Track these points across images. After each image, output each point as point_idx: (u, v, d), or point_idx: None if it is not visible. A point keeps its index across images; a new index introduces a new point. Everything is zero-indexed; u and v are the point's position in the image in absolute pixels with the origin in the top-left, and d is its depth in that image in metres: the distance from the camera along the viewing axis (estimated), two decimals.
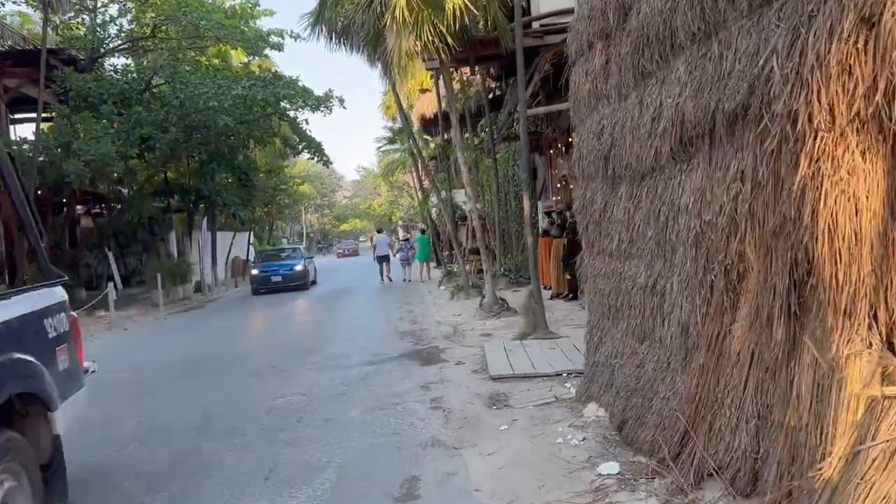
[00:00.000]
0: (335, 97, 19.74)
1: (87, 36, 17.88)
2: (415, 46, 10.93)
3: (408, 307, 14.86)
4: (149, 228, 25.86)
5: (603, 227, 5.76)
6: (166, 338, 12.98)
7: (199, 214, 31.32)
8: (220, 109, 16.50)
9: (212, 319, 15.98)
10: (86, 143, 14.75)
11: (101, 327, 15.53)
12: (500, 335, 9.82)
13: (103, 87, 16.44)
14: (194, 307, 19.46)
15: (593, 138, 5.69)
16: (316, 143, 28.42)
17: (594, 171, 5.76)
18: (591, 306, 6.23)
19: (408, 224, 59.62)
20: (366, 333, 11.16)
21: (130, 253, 26.66)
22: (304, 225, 64.47)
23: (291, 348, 10.12)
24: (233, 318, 15.71)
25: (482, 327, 10.85)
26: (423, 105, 26.73)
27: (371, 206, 70.34)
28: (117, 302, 21.17)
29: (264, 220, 37.82)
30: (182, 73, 16.09)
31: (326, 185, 70.96)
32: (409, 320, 12.45)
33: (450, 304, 14.60)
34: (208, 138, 18.78)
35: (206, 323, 15.32)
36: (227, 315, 16.49)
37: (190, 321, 15.92)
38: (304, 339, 11.10)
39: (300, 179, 44.75)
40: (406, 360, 8.47)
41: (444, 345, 9.35)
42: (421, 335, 10.47)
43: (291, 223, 60.95)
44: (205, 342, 11.71)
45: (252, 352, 10.23)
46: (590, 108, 5.83)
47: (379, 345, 9.82)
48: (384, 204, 65.12)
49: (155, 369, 9.19)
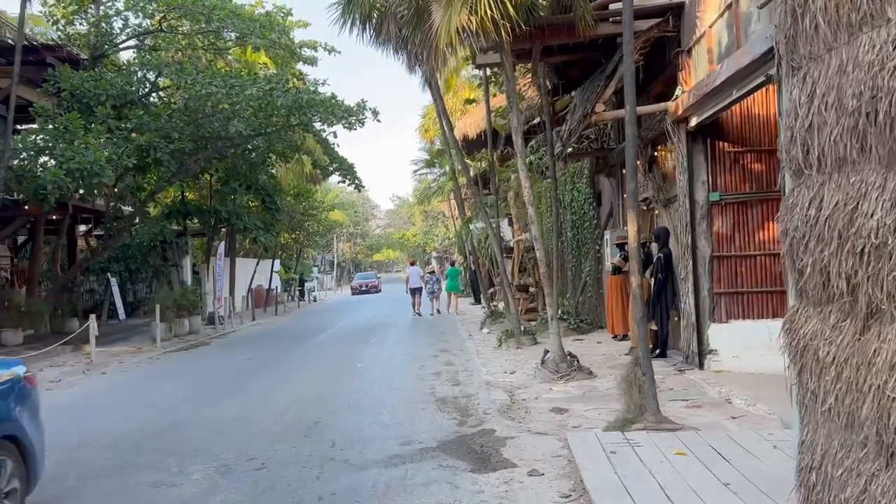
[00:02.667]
0: (369, 108, 17.22)
1: (91, 29, 15.72)
2: (468, 21, 8.30)
3: (445, 356, 12.03)
4: (161, 253, 23.64)
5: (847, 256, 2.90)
6: (140, 390, 10.33)
7: (221, 239, 29.20)
8: (233, 114, 14.06)
9: (209, 362, 13.33)
10: (69, 149, 12.38)
11: (79, 368, 13.02)
12: (581, 414, 6.92)
13: (101, 87, 14.17)
14: (198, 344, 16.88)
15: (848, 92, 2.86)
16: (348, 164, 26.08)
17: (842, 152, 2.92)
18: (807, 407, 3.35)
19: (441, 255, 57.05)
20: (391, 398, 8.34)
21: (140, 279, 24.42)
22: (335, 254, 62.18)
23: (288, 420, 7.34)
24: (233, 361, 13.04)
25: (550, 396, 7.96)
26: (465, 125, 24.21)
27: (405, 236, 68.00)
28: (114, 335, 18.82)
29: (291, 247, 35.48)
30: (189, 70, 13.72)
31: (360, 213, 69.00)
32: (448, 378, 9.61)
33: (498, 355, 11.73)
34: (222, 151, 16.35)
35: (200, 367, 12.67)
36: (229, 357, 13.84)
37: (183, 364, 13.29)
38: (307, 403, 8.31)
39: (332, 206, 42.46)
40: (449, 456, 5.61)
41: (502, 427, 6.48)
42: (467, 406, 7.61)
43: (322, 251, 58.82)
44: (180, 402, 9.00)
45: (233, 424, 7.47)
46: (836, 37, 3.01)
47: (408, 421, 6.99)
48: (418, 234, 62.71)
49: (90, 451, 6.47)
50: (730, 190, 9.25)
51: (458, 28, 8.36)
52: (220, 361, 13.25)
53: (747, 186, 9.24)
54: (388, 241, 76.25)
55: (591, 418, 6.71)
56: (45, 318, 16.77)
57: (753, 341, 9.09)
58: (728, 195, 9.22)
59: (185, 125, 14.56)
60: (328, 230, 51.53)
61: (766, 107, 9.30)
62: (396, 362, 11.55)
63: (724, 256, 9.23)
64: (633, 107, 6.33)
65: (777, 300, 9.22)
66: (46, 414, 8.77)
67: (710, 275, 9.20)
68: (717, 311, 9.24)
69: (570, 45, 10.98)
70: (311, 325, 20.92)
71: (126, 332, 19.59)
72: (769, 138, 9.26)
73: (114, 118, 14.08)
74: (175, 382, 10.80)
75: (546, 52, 10.92)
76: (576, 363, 9.14)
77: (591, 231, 14.59)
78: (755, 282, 9.23)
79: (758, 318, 9.19)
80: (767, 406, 6.87)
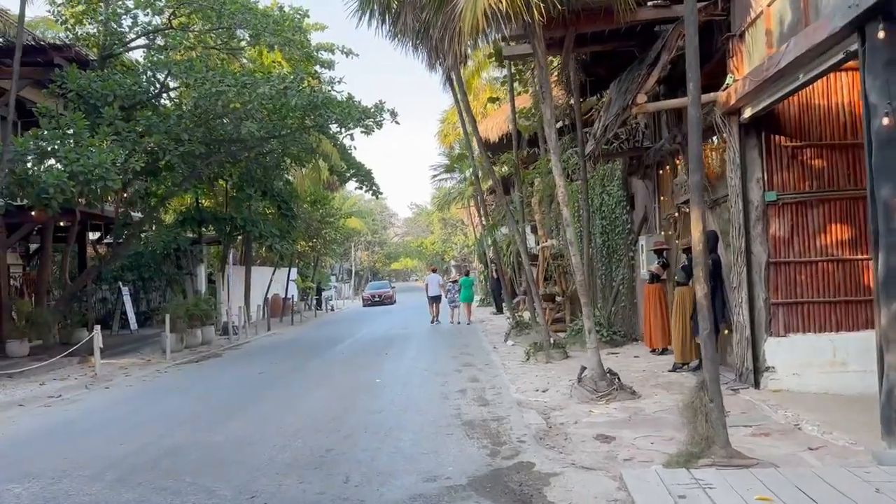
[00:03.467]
0: (387, 110, 16.45)
1: (100, 29, 15.14)
2: (497, 1, 7.49)
3: (470, 371, 11.17)
4: (176, 261, 23.04)
5: None
6: (142, 407, 9.58)
7: (237, 247, 28.58)
8: (245, 114, 13.36)
9: (219, 376, 12.58)
10: (73, 151, 11.74)
11: (82, 381, 12.35)
12: (631, 444, 6.02)
13: (108, 87, 13.53)
14: (211, 355, 16.17)
15: None
16: (365, 170, 25.39)
17: None
18: None
19: (460, 264, 56.22)
20: (413, 421, 7.49)
21: (153, 288, 23.83)
22: (352, 262, 61.56)
23: (297, 447, 6.52)
24: (244, 375, 12.27)
25: (591, 420, 7.07)
26: (486, 128, 23.40)
27: (423, 245, 67.26)
28: (125, 346, 18.16)
29: (308, 255, 34.81)
30: (198, 67, 13.03)
31: (378, 221, 68.41)
32: (474, 396, 8.74)
33: (526, 370, 10.85)
34: (235, 154, 15.66)
35: (209, 381, 11.92)
36: (240, 370, 13.08)
37: (192, 378, 12.55)
38: (321, 425, 7.49)
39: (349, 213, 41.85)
40: (483, 498, 4.75)
41: (541, 460, 5.61)
42: (498, 432, 6.74)
43: (340, 260, 58.21)
44: (182, 422, 8.24)
45: (236, 450, 6.67)
46: None
47: (433, 450, 6.14)
48: (437, 242, 61.94)
49: (73, 482, 5.70)
50: (787, 189, 8.32)
51: (484, 9, 7.56)
52: (231, 375, 12.50)
53: (807, 185, 8.31)
54: (407, 249, 75.56)
55: (643, 449, 5.82)
56: (52, 328, 16.17)
57: (815, 357, 8.17)
58: (785, 195, 8.30)
59: (195, 126, 13.88)
60: (346, 238, 50.97)
61: (828, 96, 8.39)
62: (417, 378, 10.70)
63: (782, 262, 8.30)
64: (696, 84, 5.49)
65: (842, 311, 8.27)
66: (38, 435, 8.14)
67: (767, 283, 8.28)
68: (775, 323, 8.31)
69: (604, 34, 10.16)
70: (327, 336, 20.17)
71: (137, 342, 18.96)
72: (831, 131, 8.34)
73: (121, 119, 13.43)
74: (180, 399, 10.05)
75: (579, 41, 10.08)
76: (616, 381, 8.24)
77: (624, 237, 13.68)
78: (816, 291, 8.29)
79: (820, 332, 8.25)
80: (847, 434, 5.95)
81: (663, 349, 11.35)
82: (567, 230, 8.41)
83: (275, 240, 22.33)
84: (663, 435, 6.25)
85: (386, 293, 41.08)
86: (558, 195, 8.54)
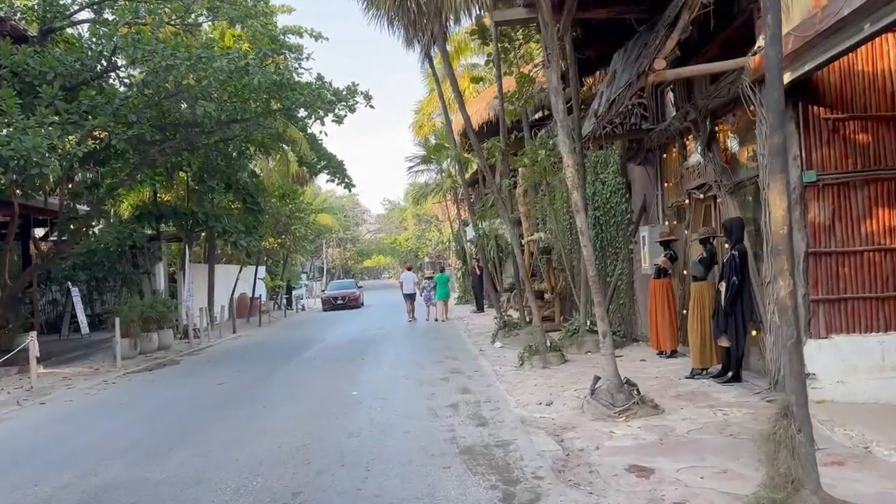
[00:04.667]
0: (360, 92, 15.10)
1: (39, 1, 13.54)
2: None
3: (458, 379, 9.90)
4: (132, 259, 21.41)
5: None
6: (76, 431, 8.16)
7: (201, 244, 26.93)
8: (201, 93, 11.90)
9: (175, 387, 11.14)
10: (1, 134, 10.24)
11: (16, 396, 10.86)
12: (675, 479, 4.81)
13: (47, 63, 11.98)
14: (167, 362, 14.68)
15: None
16: (337, 161, 24.07)
17: None
18: None
19: (434, 260, 54.96)
20: (399, 447, 6.20)
21: (108, 289, 22.14)
22: (324, 260, 59.89)
23: (257, 490, 5.19)
24: (201, 387, 10.87)
25: (616, 444, 5.85)
26: None
27: (397, 241, 65.83)
28: (73, 353, 16.50)
29: (277, 252, 33.22)
30: (146, 39, 11.52)
31: (350, 217, 66.83)
32: (469, 412, 7.47)
33: (523, 377, 9.62)
34: (192, 140, 14.17)
35: (161, 395, 10.48)
36: (198, 381, 11.65)
37: (142, 391, 11.09)
38: (287, 455, 6.16)
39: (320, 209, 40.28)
40: None
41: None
42: (507, 463, 5.48)
43: (312, 257, 56.54)
44: (120, 451, 6.88)
45: (182, 492, 5.33)
46: None
47: (428, 491, 4.87)
48: (411, 238, 60.56)
49: None
50: (828, 168, 7.21)
51: None
52: (187, 387, 11.07)
53: (850, 163, 7.20)
54: (380, 246, 74.05)
55: (694, 487, 4.62)
56: None
57: (862, 362, 7.08)
58: (826, 175, 7.18)
59: (145, 108, 12.39)
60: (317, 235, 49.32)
61: (872, 61, 7.29)
62: (400, 388, 9.40)
63: (822, 253, 7.19)
64: (777, 18, 4.27)
65: (891, 308, 7.19)
66: None
67: (805, 276, 7.16)
68: (815, 323, 7.19)
69: None
70: (297, 338, 18.74)
71: (87, 349, 17.38)
72: (878, 101, 7.24)
73: (62, 100, 11.89)
74: (124, 418, 8.62)
75: (581, 4, 8.85)
76: (636, 393, 7.04)
77: (623, 228, 12.51)
78: (862, 285, 7.19)
79: (867, 333, 7.16)
80: None
81: (672, 351, 10.21)
82: (578, 217, 7.18)
83: (240, 236, 20.84)
84: (712, 466, 5.07)
85: (351, 294, 33.25)
86: (567, 177, 7.30)
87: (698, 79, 9.65)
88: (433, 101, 31.10)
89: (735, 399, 7.32)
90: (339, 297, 32.84)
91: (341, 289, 35.18)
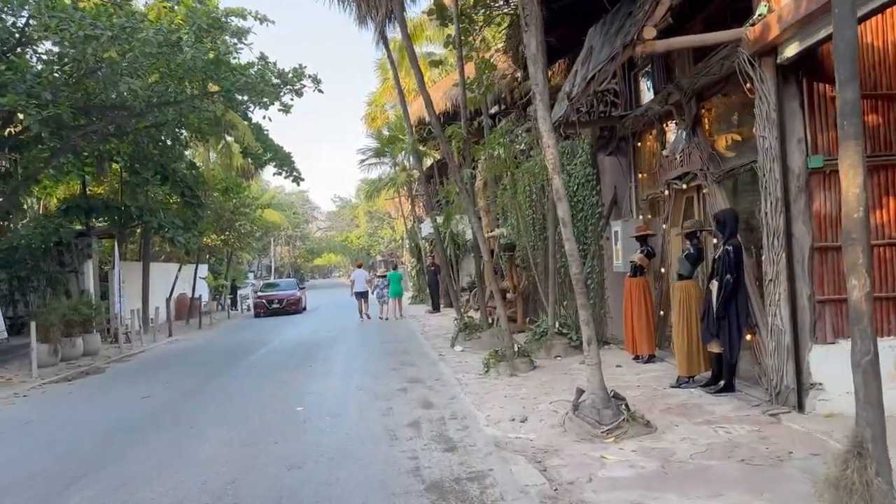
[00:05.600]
0: (308, 75, 13.92)
1: None
2: None
3: (418, 389, 8.85)
4: (58, 256, 19.65)
5: None
6: None
7: (136, 240, 25.17)
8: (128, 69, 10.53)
9: (92, 402, 9.78)
10: None
11: None
12: None
13: None
14: (91, 371, 13.21)
15: None
16: (284, 153, 22.67)
17: None
18: None
19: (386, 259, 53.73)
20: (351, 482, 5.11)
21: (32, 288, 20.28)
22: (272, 258, 57.94)
23: None
24: (123, 401, 9.54)
25: (612, 475, 4.89)
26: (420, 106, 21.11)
27: (348, 239, 64.28)
28: None
29: (221, 249, 31.48)
30: (62, 4, 10.10)
31: (299, 214, 64.95)
32: (433, 433, 6.42)
33: (490, 387, 8.62)
34: (120, 124, 12.73)
35: (75, 412, 9.14)
36: (122, 393, 10.30)
37: (55, 406, 9.71)
38: (212, 496, 5.01)
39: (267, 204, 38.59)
40: None
41: None
42: (482, 502, 4.46)
43: (259, 255, 54.58)
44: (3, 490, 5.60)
45: None
46: None
47: None
48: (363, 236, 59.13)
49: None
50: (835, 152, 6.41)
51: None
52: (106, 401, 9.72)
53: None
54: (330, 244, 72.30)
55: None
56: None
57: None
58: (833, 160, 6.39)
59: (63, 85, 10.94)
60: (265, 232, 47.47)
61: (883, 34, 6.54)
62: (352, 402, 8.29)
63: (829, 248, 6.41)
64: None
65: None
66: None
67: (811, 274, 6.37)
68: (820, 326, 6.42)
69: None
70: (239, 342, 17.37)
71: (3, 355, 15.68)
72: (888, 79, 6.50)
73: None
74: (20, 445, 7.29)
75: None
76: (624, 408, 6.12)
77: (594, 222, 11.67)
78: (874, 283, 6.42)
79: (879, 337, 6.39)
80: None
81: (650, 356, 9.38)
82: (560, 206, 6.20)
83: (177, 231, 19.35)
84: None
85: (290, 297, 27.88)
86: (547, 159, 6.32)
87: (680, 59, 8.86)
88: (386, 92, 29.99)
89: (733, 413, 6.47)
90: (276, 301, 27.63)
91: (278, 290, 29.61)
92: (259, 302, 28.10)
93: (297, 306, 27.72)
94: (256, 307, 28.01)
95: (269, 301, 27.66)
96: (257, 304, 28.07)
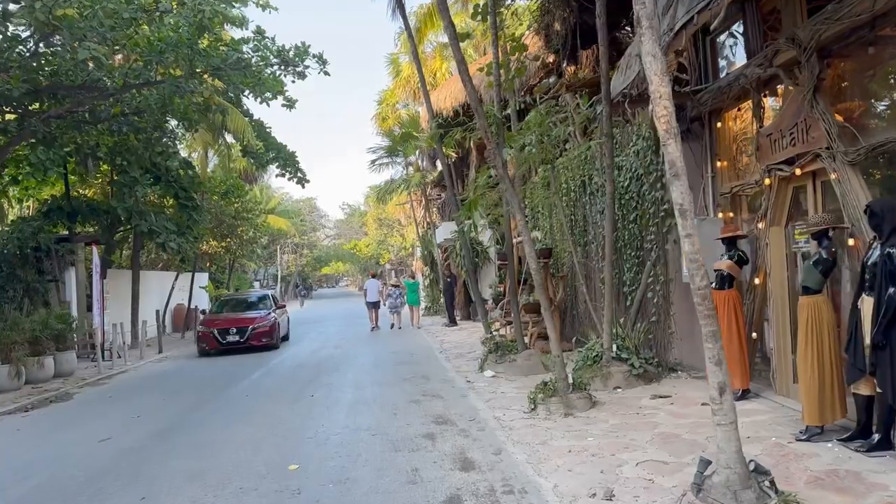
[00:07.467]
0: (313, 55, 12.03)
1: None
2: None
3: (449, 436, 6.82)
4: (36, 264, 17.78)
5: None
6: None
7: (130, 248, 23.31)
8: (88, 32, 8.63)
9: (39, 444, 7.81)
10: None
11: None
12: None
13: None
14: (58, 397, 11.29)
15: None
16: (287, 152, 20.80)
17: None
18: None
19: (396, 268, 51.77)
20: None
21: (7, 299, 18.41)
22: (278, 266, 56.08)
23: None
24: (78, 442, 7.59)
25: None
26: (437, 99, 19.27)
27: (357, 247, 62.36)
28: None
29: (222, 257, 29.59)
30: None
31: (307, 222, 63.07)
32: None
33: (542, 432, 6.59)
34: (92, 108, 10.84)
35: (13, 458, 7.18)
36: (80, 432, 8.34)
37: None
38: None
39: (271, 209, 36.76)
40: None
41: None
42: None
43: (265, 264, 52.72)
44: None
45: None
46: None
47: None
48: (371, 244, 57.18)
49: None
50: None
51: None
52: (57, 443, 7.74)
53: None
54: (338, 252, 70.34)
55: None
56: None
57: None
58: None
59: (15, 56, 9.07)
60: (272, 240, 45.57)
61: None
62: (363, 457, 6.26)
63: None
64: None
65: None
66: None
67: None
68: None
69: None
70: (234, 360, 15.35)
71: None
72: None
73: None
74: None
75: None
76: (768, 486, 4.10)
77: (657, 222, 9.63)
78: None
79: None
80: None
81: (743, 391, 7.33)
82: (676, 184, 4.24)
83: (170, 236, 17.49)
84: None
85: (260, 326, 17.16)
86: (658, 115, 4.34)
87: (789, 6, 6.87)
88: (398, 89, 28.13)
89: (889, 480, 4.45)
90: (230, 330, 16.90)
91: (238, 311, 18.35)
92: (205, 333, 17.07)
93: (268, 339, 17.15)
94: (201, 340, 17.10)
95: (221, 332, 16.91)
96: (202, 337, 17.10)
